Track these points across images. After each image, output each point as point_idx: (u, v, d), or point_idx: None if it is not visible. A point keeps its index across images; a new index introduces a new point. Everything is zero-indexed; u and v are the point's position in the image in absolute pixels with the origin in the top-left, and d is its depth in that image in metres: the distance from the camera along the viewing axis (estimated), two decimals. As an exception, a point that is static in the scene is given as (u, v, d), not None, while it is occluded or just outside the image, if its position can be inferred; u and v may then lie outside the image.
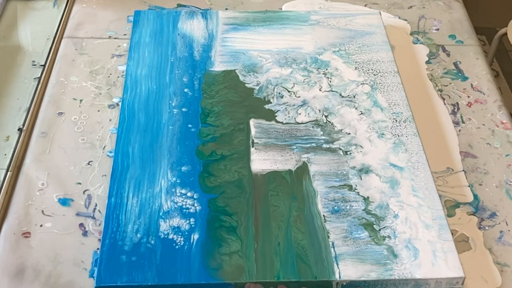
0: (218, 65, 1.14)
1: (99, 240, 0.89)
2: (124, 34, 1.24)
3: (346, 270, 0.84)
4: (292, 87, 1.10)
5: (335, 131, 1.03)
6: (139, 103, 1.06)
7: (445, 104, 1.12)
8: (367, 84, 1.12)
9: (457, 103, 1.12)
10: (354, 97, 1.09)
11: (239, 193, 0.93)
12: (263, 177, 0.95)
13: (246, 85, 1.11)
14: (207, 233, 0.87)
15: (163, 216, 0.89)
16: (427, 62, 1.21)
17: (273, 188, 0.94)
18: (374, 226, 0.89)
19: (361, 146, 1.01)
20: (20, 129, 1.04)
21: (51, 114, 1.07)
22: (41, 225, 0.91)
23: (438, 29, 1.28)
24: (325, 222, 0.90)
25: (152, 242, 0.86)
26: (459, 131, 1.07)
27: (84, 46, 1.21)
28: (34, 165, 0.99)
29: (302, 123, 1.04)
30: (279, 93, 1.09)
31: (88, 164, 0.99)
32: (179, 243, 0.86)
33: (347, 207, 0.92)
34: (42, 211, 0.93)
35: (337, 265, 0.84)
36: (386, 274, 0.84)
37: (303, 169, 0.97)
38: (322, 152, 0.99)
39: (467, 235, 0.92)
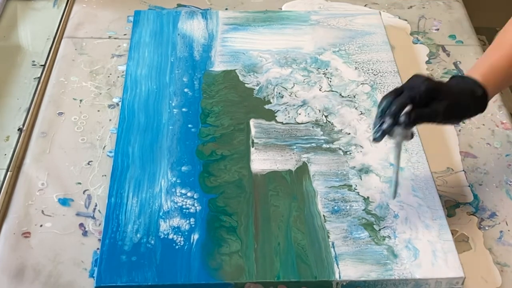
0: (218, 65, 1.14)
1: (99, 240, 0.89)
2: (124, 34, 1.24)
3: (346, 270, 0.84)
4: (292, 87, 1.10)
5: (335, 131, 1.03)
6: (139, 103, 1.06)
7: (445, 104, 1.12)
8: (367, 84, 1.11)
9: (457, 103, 1.12)
10: (354, 97, 1.09)
11: (239, 193, 0.93)
12: (263, 177, 0.95)
13: (246, 85, 1.11)
14: (207, 233, 0.87)
15: (163, 216, 0.89)
16: (427, 62, 1.21)
17: (273, 188, 0.94)
18: (374, 226, 0.89)
19: (361, 146, 1.00)
20: (20, 129, 1.04)
21: (51, 114, 1.07)
22: (41, 225, 0.91)
23: (438, 29, 1.28)
24: (325, 222, 0.89)
25: (152, 242, 0.86)
26: (459, 131, 1.07)
27: (84, 46, 1.21)
28: (34, 165, 0.99)
29: (302, 123, 1.04)
30: (279, 93, 1.09)
31: (88, 164, 0.99)
32: (179, 243, 0.86)
33: (347, 207, 0.91)
34: (42, 211, 0.93)
35: (337, 265, 0.84)
36: (386, 274, 0.83)
37: (303, 169, 0.97)
38: (322, 152, 0.99)
39: (467, 235, 0.92)
